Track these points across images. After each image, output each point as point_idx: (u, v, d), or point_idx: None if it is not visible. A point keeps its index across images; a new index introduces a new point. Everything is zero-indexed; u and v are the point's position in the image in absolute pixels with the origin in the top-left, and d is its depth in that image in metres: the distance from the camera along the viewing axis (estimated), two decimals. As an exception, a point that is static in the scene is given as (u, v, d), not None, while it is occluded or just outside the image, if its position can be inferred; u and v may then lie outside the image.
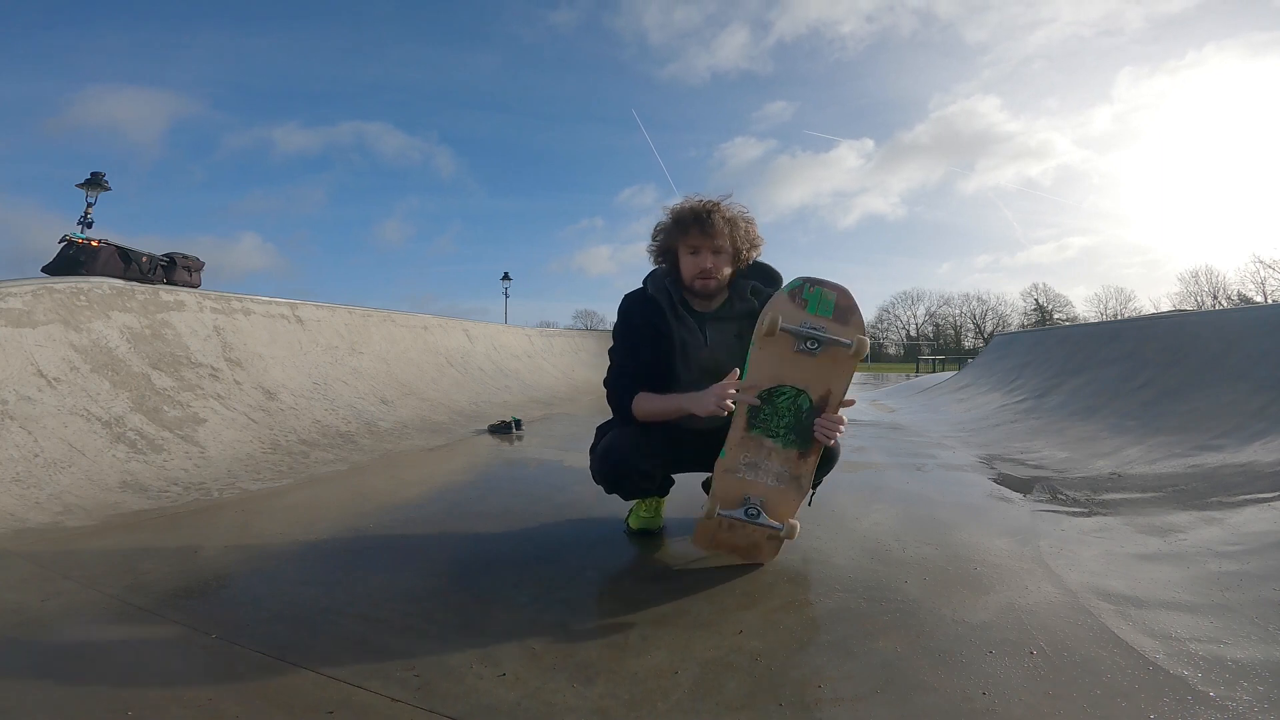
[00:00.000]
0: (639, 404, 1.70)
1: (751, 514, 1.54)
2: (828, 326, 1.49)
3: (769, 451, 1.54)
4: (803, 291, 1.51)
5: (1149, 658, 1.17)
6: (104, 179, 9.01)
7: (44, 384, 2.63)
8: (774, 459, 1.54)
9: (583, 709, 1.02)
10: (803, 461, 1.54)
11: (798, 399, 1.52)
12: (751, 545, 1.62)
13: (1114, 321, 11.47)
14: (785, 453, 1.54)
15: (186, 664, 1.15)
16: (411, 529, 2.03)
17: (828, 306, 1.50)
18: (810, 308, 1.50)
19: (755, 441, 1.54)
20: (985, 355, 9.23)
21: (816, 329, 1.49)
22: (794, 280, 1.54)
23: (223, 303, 4.13)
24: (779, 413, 1.52)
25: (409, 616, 1.35)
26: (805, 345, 1.49)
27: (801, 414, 1.52)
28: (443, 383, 5.86)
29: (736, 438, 1.54)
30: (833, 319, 1.50)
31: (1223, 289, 34.92)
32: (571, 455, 3.30)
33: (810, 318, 1.50)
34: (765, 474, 1.54)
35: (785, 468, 1.54)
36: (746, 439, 1.54)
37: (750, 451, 1.54)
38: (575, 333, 14.24)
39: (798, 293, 1.51)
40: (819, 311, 1.50)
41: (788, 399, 1.52)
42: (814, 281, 1.53)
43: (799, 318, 1.50)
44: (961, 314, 49.00)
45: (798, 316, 1.50)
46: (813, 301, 1.51)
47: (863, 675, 1.12)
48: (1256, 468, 2.42)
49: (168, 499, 2.31)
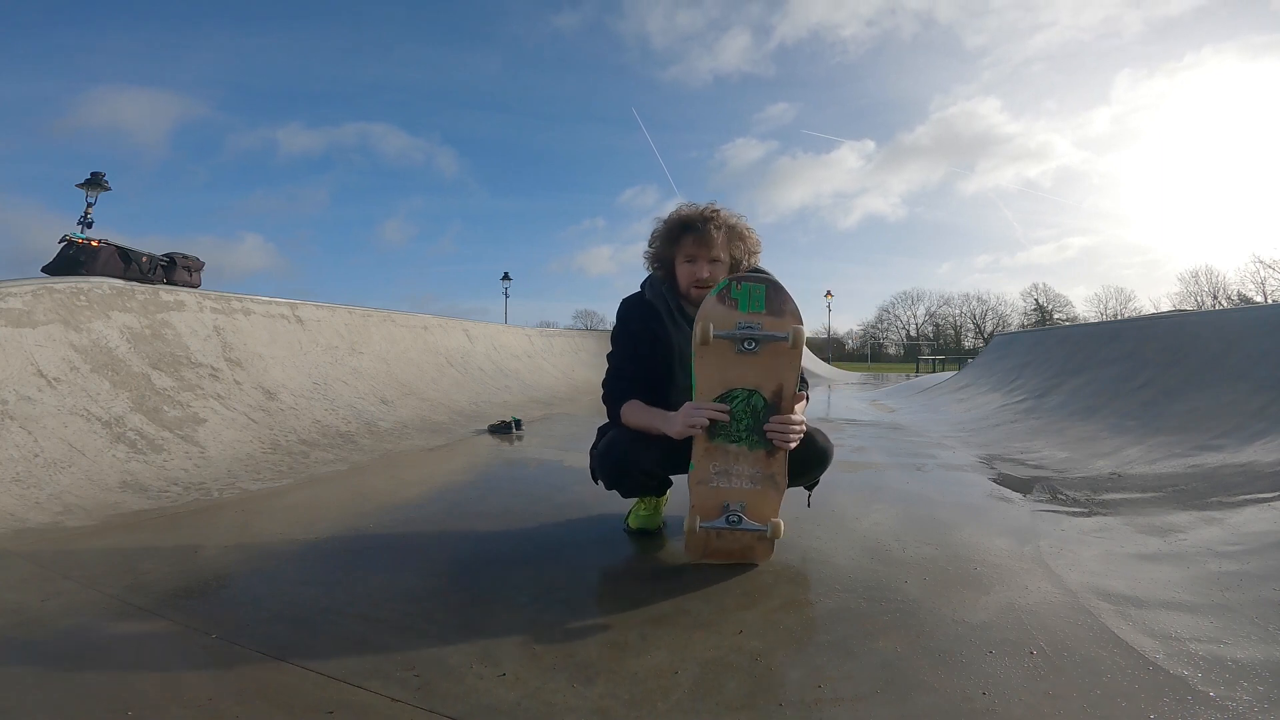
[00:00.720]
0: (626, 413, 1.72)
1: (734, 520, 1.53)
2: (762, 322, 1.48)
3: (736, 456, 1.53)
4: (730, 291, 1.50)
5: (1149, 658, 1.17)
6: (104, 179, 9.00)
7: (44, 384, 2.63)
8: (743, 463, 1.52)
9: (583, 709, 1.02)
10: (772, 460, 1.53)
11: (751, 400, 1.51)
12: (744, 548, 1.61)
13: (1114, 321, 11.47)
14: (752, 455, 1.52)
15: (186, 664, 1.15)
16: (411, 529, 2.03)
17: (758, 301, 1.49)
18: (741, 305, 1.49)
19: (720, 449, 1.53)
20: (985, 355, 9.23)
21: (751, 326, 1.47)
22: (720, 282, 1.52)
23: (223, 303, 4.13)
24: (735, 417, 1.51)
25: (409, 616, 1.35)
26: (744, 345, 1.48)
27: (758, 414, 1.51)
28: (443, 383, 5.85)
29: (701, 449, 1.53)
30: (766, 312, 1.48)
31: (1223, 289, 34.98)
32: (571, 455, 3.30)
33: (743, 316, 1.48)
34: (739, 478, 1.53)
35: (756, 469, 1.52)
36: (711, 449, 1.53)
37: (718, 460, 1.53)
38: (575, 333, 14.23)
39: (725, 293, 1.50)
40: (750, 308, 1.49)
41: (740, 402, 1.51)
42: (739, 278, 1.52)
43: (731, 319, 1.48)
44: (961, 314, 49.10)
45: (730, 318, 1.48)
46: (742, 299, 1.49)
47: (863, 675, 1.12)
48: (1256, 468, 2.42)
49: (168, 499, 2.31)
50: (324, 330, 4.96)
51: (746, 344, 1.48)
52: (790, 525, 2.00)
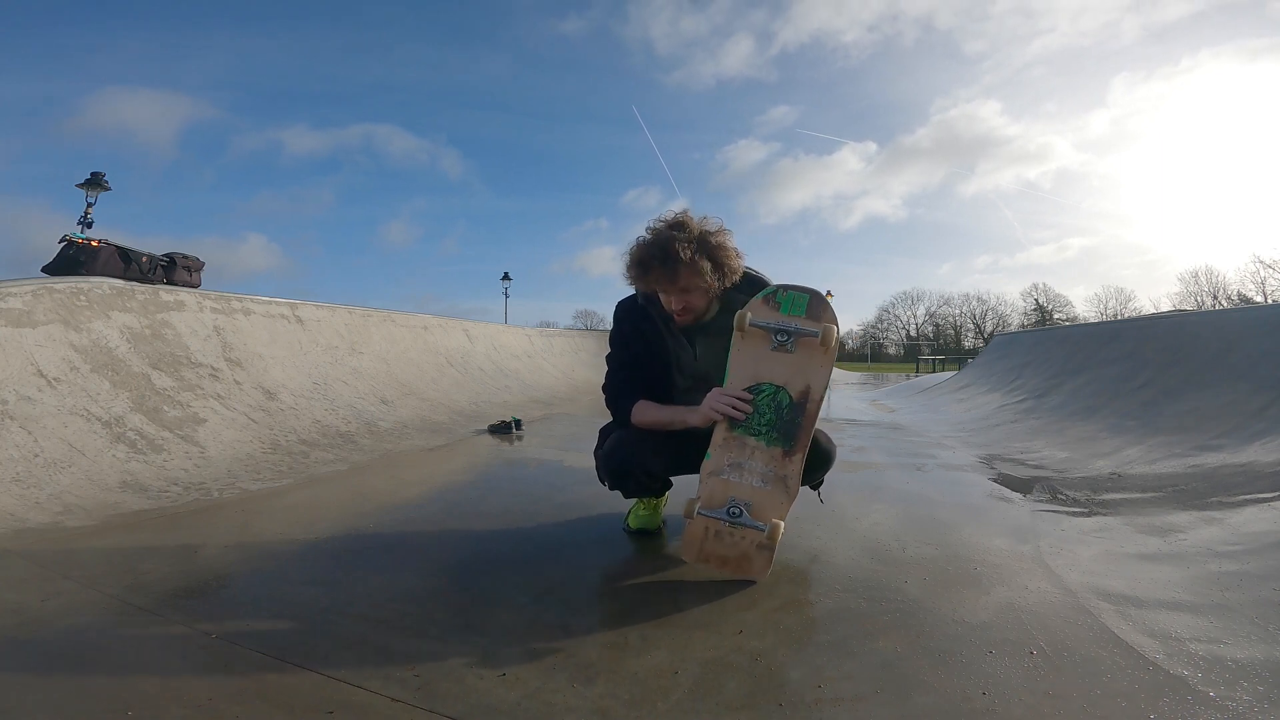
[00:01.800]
0: (638, 413, 1.71)
1: (734, 514, 1.52)
2: (800, 322, 1.53)
3: (752, 451, 1.53)
4: (775, 295, 1.56)
5: (1149, 658, 1.17)
6: (104, 179, 9.00)
7: (44, 384, 2.63)
8: (758, 458, 1.53)
9: (583, 709, 1.02)
10: (788, 460, 1.52)
11: (777, 395, 1.53)
12: (740, 557, 1.54)
13: (1114, 321, 11.47)
14: (769, 451, 1.53)
15: (186, 663, 1.15)
16: (411, 529, 2.03)
17: (800, 307, 1.55)
18: (783, 309, 1.55)
19: (738, 441, 1.54)
20: (985, 355, 9.23)
21: (791, 322, 1.53)
22: (768, 288, 1.59)
23: (223, 303, 4.13)
24: (759, 410, 1.53)
25: (409, 616, 1.35)
26: (778, 339, 1.53)
27: (782, 410, 1.53)
28: (443, 383, 5.85)
29: (720, 439, 1.55)
30: (806, 317, 1.54)
31: (1223, 289, 34.97)
32: (571, 455, 3.30)
33: (783, 318, 1.54)
34: (750, 474, 1.53)
35: (770, 467, 1.53)
36: (729, 439, 1.54)
37: (734, 452, 1.54)
38: (575, 333, 14.23)
39: (771, 297, 1.57)
40: (791, 312, 1.55)
41: (767, 396, 1.53)
42: (786, 287, 1.57)
43: (772, 317, 1.54)
44: (961, 314, 49.11)
45: (770, 316, 1.54)
46: (785, 304, 1.55)
47: (863, 675, 1.12)
48: (1256, 468, 2.42)
49: (168, 499, 2.31)
50: (324, 330, 4.96)
51: (780, 337, 1.53)
52: (790, 525, 1.99)
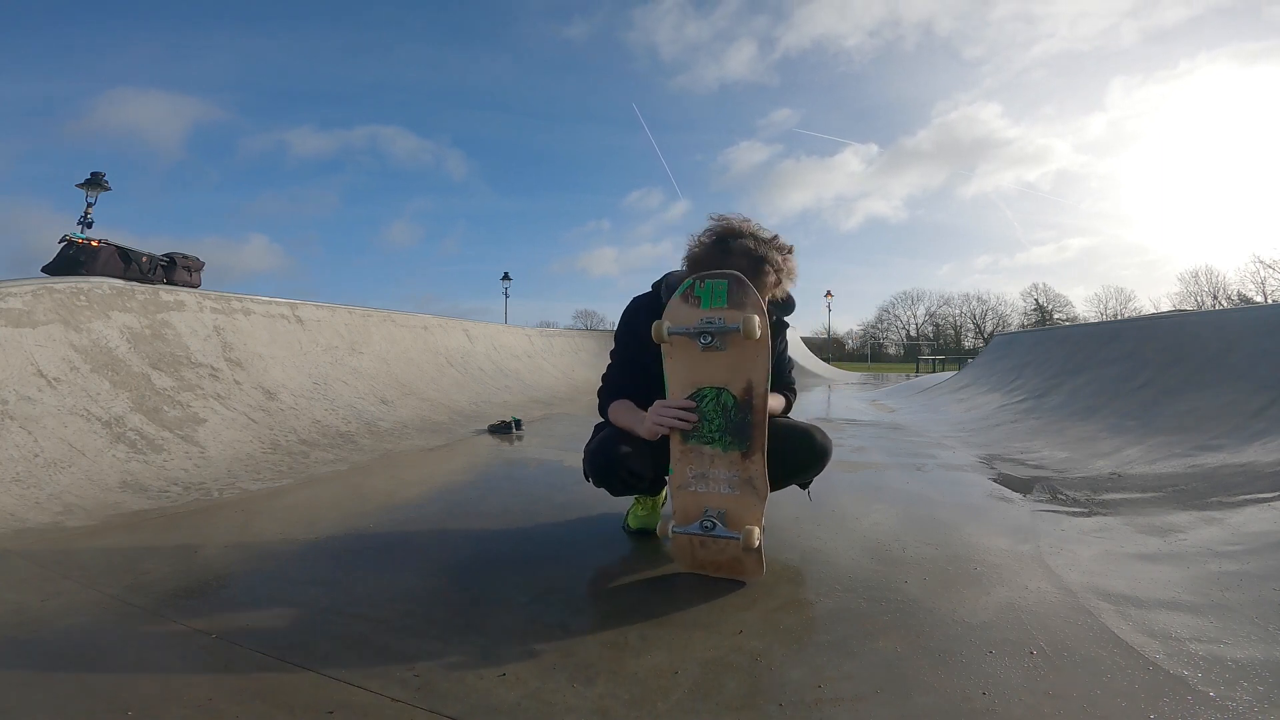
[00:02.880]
0: (612, 412, 1.73)
1: (708, 527, 1.48)
2: (724, 316, 1.43)
3: (711, 459, 1.50)
4: (694, 289, 1.46)
5: (1149, 658, 1.17)
6: (104, 179, 9.01)
7: (44, 384, 2.63)
8: (719, 465, 1.49)
9: (583, 709, 1.02)
10: (748, 462, 1.47)
11: (720, 398, 1.48)
12: (732, 560, 1.52)
13: (1114, 321, 11.47)
14: (727, 456, 1.48)
15: (186, 663, 1.15)
16: (411, 529, 2.03)
17: (720, 297, 1.44)
18: (704, 302, 1.45)
19: (695, 451, 1.50)
20: (985, 355, 9.23)
21: (711, 322, 1.43)
22: (686, 280, 1.48)
23: (223, 303, 4.13)
24: (706, 417, 1.49)
25: (409, 616, 1.35)
26: (703, 342, 1.44)
27: (729, 413, 1.48)
28: (443, 383, 5.85)
29: (677, 452, 1.51)
30: (728, 307, 1.43)
31: (1223, 289, 34.96)
32: (571, 455, 3.30)
33: (706, 313, 1.44)
34: (717, 483, 1.50)
35: (734, 472, 1.49)
36: (686, 451, 1.51)
37: (694, 463, 1.51)
38: (575, 333, 14.23)
39: (689, 292, 1.46)
40: (713, 304, 1.44)
41: (710, 401, 1.49)
42: (703, 276, 1.46)
43: (693, 316, 1.45)
44: (961, 314, 49.02)
45: (692, 316, 1.45)
46: (705, 296, 1.45)
47: (863, 675, 1.12)
48: (1256, 468, 2.42)
49: (168, 499, 2.31)
50: (324, 330, 4.96)
51: (704, 339, 1.43)
52: (790, 525, 2.01)
